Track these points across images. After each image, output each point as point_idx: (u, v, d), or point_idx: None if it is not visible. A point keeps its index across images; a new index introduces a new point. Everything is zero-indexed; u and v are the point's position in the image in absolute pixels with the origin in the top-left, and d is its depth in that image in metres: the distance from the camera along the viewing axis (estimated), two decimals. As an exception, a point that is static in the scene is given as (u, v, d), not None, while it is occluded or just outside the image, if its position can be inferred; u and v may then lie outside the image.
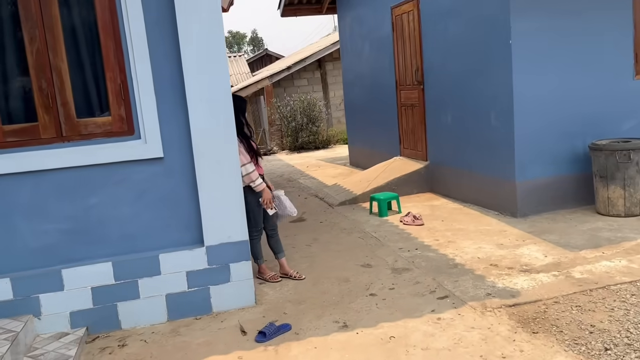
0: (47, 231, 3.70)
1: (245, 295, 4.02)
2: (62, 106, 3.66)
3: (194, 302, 3.92)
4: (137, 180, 3.82)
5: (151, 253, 3.85)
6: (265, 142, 16.22)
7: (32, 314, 3.65)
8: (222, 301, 3.98)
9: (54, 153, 3.65)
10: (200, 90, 3.75)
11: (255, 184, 4.28)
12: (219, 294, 3.97)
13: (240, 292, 4.00)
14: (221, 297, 3.97)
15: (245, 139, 4.33)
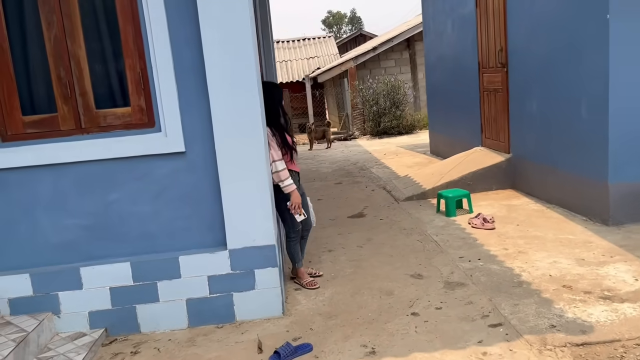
0: (67, 226, 3.55)
1: (272, 305, 3.65)
2: (80, 96, 3.46)
3: (216, 309, 3.62)
4: (157, 176, 3.56)
5: (171, 254, 3.59)
6: (347, 126, 15.78)
7: (52, 311, 3.54)
8: (246, 310, 3.64)
9: (74, 145, 3.47)
10: (222, 78, 3.38)
11: (284, 184, 3.86)
12: (243, 302, 3.63)
13: (266, 301, 3.63)
14: (245, 306, 3.63)
15: (279, 131, 3.92)
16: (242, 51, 3.37)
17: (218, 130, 3.44)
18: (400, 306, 3.66)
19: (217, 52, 3.35)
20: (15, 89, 3.43)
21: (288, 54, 21.21)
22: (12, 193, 3.49)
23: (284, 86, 18.41)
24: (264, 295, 3.63)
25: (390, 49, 15.93)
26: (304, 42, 22.30)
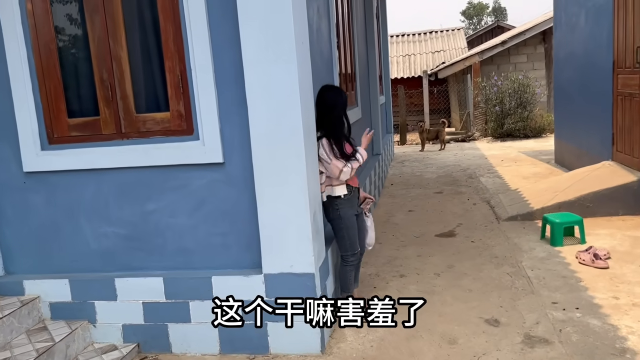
0: (106, 234, 3.43)
1: (309, 341, 3.22)
2: (121, 99, 3.29)
3: (249, 338, 3.27)
4: (195, 187, 3.29)
5: (204, 273, 3.30)
6: (467, 126, 14.70)
7: (88, 320, 3.45)
8: (281, 343, 3.25)
9: (114, 151, 3.32)
10: (260, 82, 3.00)
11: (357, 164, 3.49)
12: (278, 334, 3.24)
13: (303, 336, 3.21)
14: (280, 338, 3.24)
15: (339, 142, 3.41)
16: (285, 53, 2.95)
17: (256, 142, 3.07)
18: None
19: (255, 53, 2.97)
20: (62, 91, 3.35)
21: (412, 48, 20.36)
22: (57, 196, 3.44)
23: (403, 82, 17.68)
24: (301, 329, 3.20)
25: (522, 42, 14.47)
26: (430, 36, 21.26)
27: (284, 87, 2.98)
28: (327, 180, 3.47)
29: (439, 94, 17.35)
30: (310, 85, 3.27)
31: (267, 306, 3.12)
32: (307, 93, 3.18)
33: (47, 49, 3.30)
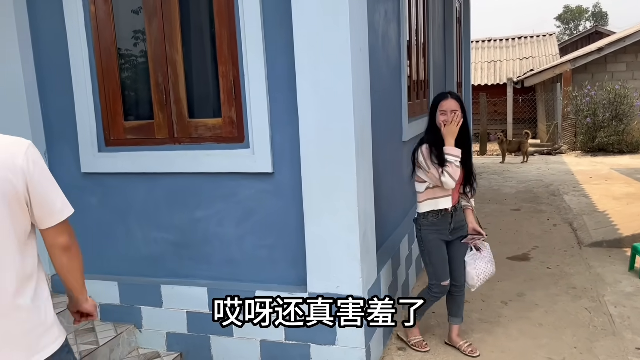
0: (156, 239, 3.39)
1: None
2: (175, 104, 3.24)
3: (291, 358, 3.10)
4: (244, 197, 3.17)
5: (248, 286, 3.17)
6: (554, 139, 13.77)
7: (134, 324, 3.42)
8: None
9: (166, 155, 3.27)
10: (312, 90, 2.82)
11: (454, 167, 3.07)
12: (321, 357, 3.04)
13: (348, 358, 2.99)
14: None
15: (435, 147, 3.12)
16: (337, 61, 2.75)
17: (306, 153, 2.90)
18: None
19: (309, 61, 2.80)
20: (120, 94, 3.35)
21: (498, 54, 19.45)
22: (110, 198, 3.44)
23: (487, 89, 16.91)
24: (347, 355, 2.99)
25: (622, 49, 13.33)
26: (519, 41, 20.20)
27: (337, 96, 2.78)
28: (427, 192, 3.19)
29: (525, 103, 16.41)
30: (367, 93, 3.06)
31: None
32: (363, 102, 2.96)
33: (108, 52, 3.31)
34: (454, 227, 3.24)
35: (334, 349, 3.01)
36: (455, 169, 3.04)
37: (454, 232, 3.25)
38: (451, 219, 3.22)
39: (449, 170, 3.04)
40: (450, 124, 3.08)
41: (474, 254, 3.29)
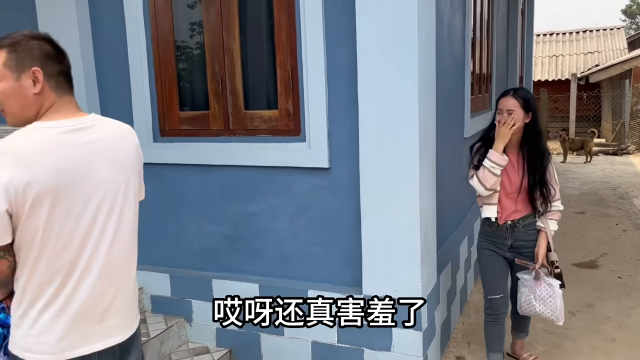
0: (209, 232, 3.33)
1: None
2: (231, 94, 3.15)
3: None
4: (298, 192, 3.05)
5: (301, 284, 3.06)
6: (620, 138, 13.02)
7: (185, 317, 3.38)
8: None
9: (222, 147, 3.19)
10: (375, 80, 2.67)
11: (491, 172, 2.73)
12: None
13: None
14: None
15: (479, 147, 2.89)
16: (403, 50, 2.59)
17: (365, 147, 2.75)
18: None
19: (372, 50, 2.65)
20: (175, 84, 3.30)
21: (561, 48, 18.58)
22: (165, 189, 3.40)
23: (548, 85, 16.18)
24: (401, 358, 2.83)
25: (699, 44, 12.47)
26: (583, 35, 19.23)
27: (401, 87, 2.62)
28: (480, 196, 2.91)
29: (589, 100, 15.61)
30: (432, 85, 2.87)
31: (365, 331, 2.80)
32: (428, 95, 2.78)
33: (165, 41, 3.26)
34: (512, 245, 2.87)
35: (389, 355, 2.86)
36: (486, 175, 2.72)
37: (513, 251, 2.89)
38: (507, 233, 2.86)
39: (479, 174, 2.75)
40: (501, 125, 2.74)
41: (528, 279, 2.84)
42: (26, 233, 1.41)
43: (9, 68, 1.46)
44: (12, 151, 1.38)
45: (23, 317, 1.48)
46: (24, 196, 1.37)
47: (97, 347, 1.53)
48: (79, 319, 1.49)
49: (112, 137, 1.59)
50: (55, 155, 1.43)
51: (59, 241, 1.45)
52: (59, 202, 1.42)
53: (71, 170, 1.45)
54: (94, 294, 1.51)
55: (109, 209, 1.53)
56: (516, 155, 2.82)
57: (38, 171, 1.38)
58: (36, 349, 1.47)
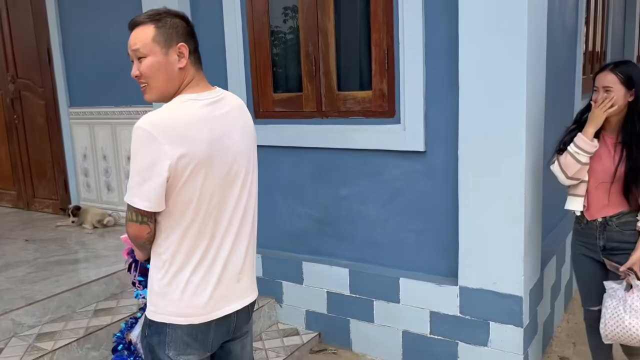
0: (299, 215, 3.32)
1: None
2: (324, 75, 3.09)
3: (436, 354, 2.85)
4: (391, 176, 2.94)
5: (392, 272, 2.97)
6: None
7: (275, 298, 3.42)
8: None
9: (314, 130, 3.15)
10: (478, 57, 2.49)
11: None
12: (470, 358, 2.75)
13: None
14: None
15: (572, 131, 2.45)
16: (510, 23, 2.38)
17: (465, 130, 2.58)
18: None
19: (475, 24, 2.47)
20: (270, 65, 3.29)
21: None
22: (258, 170, 3.42)
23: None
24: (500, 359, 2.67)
25: None
26: None
27: (508, 64, 2.41)
28: None
29: None
30: (542, 63, 2.64)
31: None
32: (537, 73, 2.55)
33: (260, 23, 3.25)
34: (604, 246, 2.37)
35: (486, 350, 2.70)
36: (568, 161, 2.31)
37: (607, 253, 2.37)
38: (597, 232, 2.38)
39: (561, 159, 2.35)
40: (596, 106, 2.28)
41: (617, 288, 2.31)
42: (180, 201, 1.48)
43: (157, 43, 1.50)
44: (167, 123, 1.43)
45: (170, 284, 1.53)
46: (180, 167, 1.43)
47: (237, 306, 1.62)
48: (222, 280, 1.56)
49: (238, 109, 1.65)
50: (205, 127, 1.49)
51: (209, 207, 1.51)
52: (210, 171, 1.49)
53: (218, 140, 1.51)
54: (232, 256, 1.59)
55: (244, 175, 1.61)
56: (614, 139, 2.35)
57: (193, 142, 1.45)
58: (186, 312, 1.53)
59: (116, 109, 4.17)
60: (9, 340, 2.67)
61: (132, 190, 1.46)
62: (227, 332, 1.65)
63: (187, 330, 1.54)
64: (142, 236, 1.52)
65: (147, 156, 1.42)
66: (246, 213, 1.63)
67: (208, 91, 1.58)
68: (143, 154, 1.42)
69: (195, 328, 1.55)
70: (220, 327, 1.60)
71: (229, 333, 1.66)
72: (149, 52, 1.50)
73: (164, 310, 1.54)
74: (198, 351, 1.58)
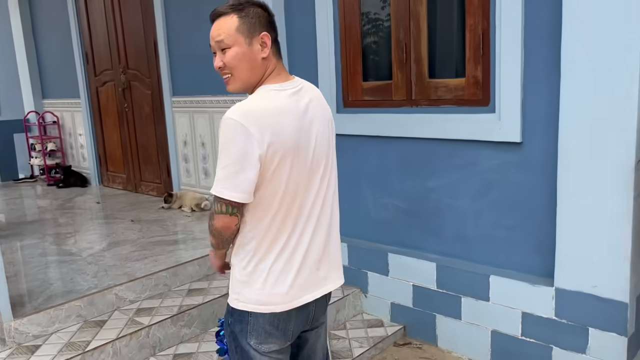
0: (386, 205, 3.26)
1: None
2: (415, 62, 2.99)
3: (527, 357, 2.69)
4: (483, 168, 2.80)
5: (482, 268, 2.83)
6: None
7: (361, 288, 3.40)
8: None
9: (403, 118, 3.07)
10: (582, 41, 2.27)
11: None
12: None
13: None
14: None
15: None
16: (624, 4, 2.15)
17: (566, 121, 2.38)
18: None
19: (581, 4, 2.25)
20: (360, 53, 3.25)
21: None
22: (345, 160, 3.35)
23: None
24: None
25: None
26: None
27: (620, 51, 2.19)
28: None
29: None
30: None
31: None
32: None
33: (351, 10, 3.22)
34: None
35: (584, 358, 2.50)
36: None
37: None
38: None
39: None
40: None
41: None
42: (268, 191, 1.48)
43: (241, 33, 1.51)
44: (257, 114, 1.44)
45: (253, 273, 1.55)
46: (269, 157, 1.43)
47: (316, 295, 1.62)
48: (302, 269, 1.57)
49: (317, 99, 1.62)
50: (292, 117, 1.49)
51: (293, 198, 1.52)
52: (296, 161, 1.49)
53: (303, 130, 1.51)
54: (312, 245, 1.59)
55: (325, 165, 1.59)
56: None
57: (281, 133, 1.45)
58: (269, 300, 1.54)
59: (213, 98, 4.35)
60: (112, 313, 2.89)
61: (222, 182, 1.44)
62: (306, 322, 1.66)
63: (269, 318, 1.56)
64: (231, 227, 1.52)
65: (238, 147, 1.41)
66: (325, 202, 1.61)
67: (289, 81, 1.57)
68: (234, 145, 1.41)
69: (276, 317, 1.56)
70: (300, 316, 1.61)
71: (307, 322, 1.66)
72: (233, 42, 1.50)
73: (247, 298, 1.56)
74: (279, 340, 1.59)
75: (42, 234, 4.10)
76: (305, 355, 1.75)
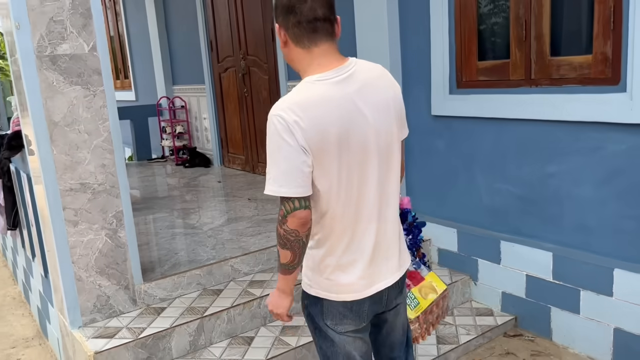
0: (499, 191, 3.13)
1: None
2: (535, 39, 2.81)
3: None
4: (611, 153, 2.58)
5: (605, 261, 2.62)
6: None
7: (470, 275, 3.31)
8: None
9: (520, 99, 2.91)
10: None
11: None
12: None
13: None
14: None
15: None
16: None
17: None
18: None
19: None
20: (475, 32, 3.12)
21: None
22: (457, 143, 3.31)
23: None
24: None
25: None
26: None
27: None
28: None
29: None
30: None
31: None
32: None
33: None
34: None
35: None
36: None
37: None
38: None
39: None
40: None
41: None
42: (322, 184, 1.45)
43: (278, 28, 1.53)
44: (300, 106, 1.40)
45: (322, 262, 1.55)
46: (315, 149, 1.40)
47: (387, 283, 1.61)
48: (371, 260, 1.56)
49: (377, 77, 1.54)
50: (335, 106, 1.43)
51: (351, 188, 1.48)
52: (347, 150, 1.44)
53: (352, 119, 1.45)
54: (380, 234, 1.57)
55: (385, 151, 1.53)
56: None
57: (324, 124, 1.40)
58: (338, 289, 1.56)
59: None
60: (228, 284, 3.10)
61: (277, 181, 1.41)
62: (380, 305, 1.64)
63: (342, 303, 1.57)
64: (307, 222, 1.46)
65: (286, 142, 1.38)
66: (387, 189, 1.56)
67: (335, 68, 1.47)
68: (281, 141, 1.39)
69: (348, 302, 1.57)
70: (373, 301, 1.60)
71: (382, 306, 1.65)
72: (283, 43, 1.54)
73: (318, 285, 1.58)
74: (354, 321, 1.59)
75: (170, 209, 4.48)
76: (385, 333, 1.75)
